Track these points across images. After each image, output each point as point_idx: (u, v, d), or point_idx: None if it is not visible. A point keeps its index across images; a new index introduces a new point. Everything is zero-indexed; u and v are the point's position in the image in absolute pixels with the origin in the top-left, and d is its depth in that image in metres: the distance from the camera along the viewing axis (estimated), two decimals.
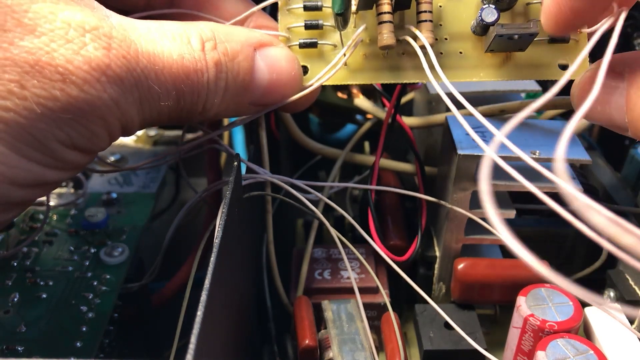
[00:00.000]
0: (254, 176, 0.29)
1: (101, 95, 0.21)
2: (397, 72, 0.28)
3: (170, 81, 0.23)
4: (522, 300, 0.27)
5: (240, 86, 0.25)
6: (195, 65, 0.24)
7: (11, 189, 0.21)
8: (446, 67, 0.28)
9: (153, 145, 0.45)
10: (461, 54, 0.28)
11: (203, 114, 0.25)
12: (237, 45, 0.25)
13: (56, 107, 0.20)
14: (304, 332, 0.29)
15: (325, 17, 0.28)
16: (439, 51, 0.28)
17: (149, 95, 0.23)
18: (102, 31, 0.21)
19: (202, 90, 0.24)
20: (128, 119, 0.22)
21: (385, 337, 0.29)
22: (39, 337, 0.28)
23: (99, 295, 0.30)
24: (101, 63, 0.21)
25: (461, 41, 0.28)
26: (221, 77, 0.25)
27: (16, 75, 0.20)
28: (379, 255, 0.31)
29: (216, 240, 0.22)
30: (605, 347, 0.26)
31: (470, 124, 0.32)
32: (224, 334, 0.24)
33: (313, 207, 0.30)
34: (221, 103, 0.25)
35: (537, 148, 0.29)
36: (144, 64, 0.22)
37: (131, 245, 0.33)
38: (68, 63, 0.20)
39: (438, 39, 0.28)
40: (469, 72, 0.28)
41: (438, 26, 0.28)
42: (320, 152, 0.40)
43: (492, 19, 0.26)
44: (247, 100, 0.26)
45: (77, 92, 0.20)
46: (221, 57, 0.25)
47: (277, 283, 0.33)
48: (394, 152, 0.41)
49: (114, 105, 0.21)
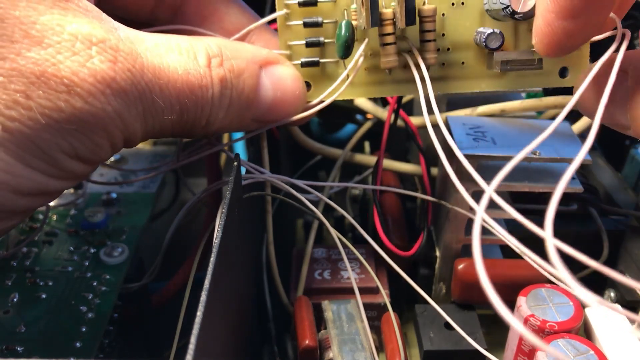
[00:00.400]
0: (254, 176, 0.29)
1: (105, 107, 0.21)
2: (398, 86, 0.28)
3: (175, 95, 0.23)
4: (522, 300, 0.27)
5: (244, 103, 0.26)
6: (200, 81, 0.24)
7: (15, 197, 0.21)
8: (448, 78, 0.28)
9: (153, 145, 0.44)
10: (463, 64, 0.28)
11: (206, 129, 0.25)
12: (243, 62, 0.26)
13: (60, 118, 0.20)
14: (304, 332, 0.29)
15: (327, 33, 0.27)
16: (441, 62, 0.28)
17: (153, 108, 0.23)
18: (108, 44, 0.22)
19: (205, 105, 0.24)
20: (131, 131, 0.23)
21: (385, 337, 0.29)
22: (38, 337, 0.28)
23: (99, 296, 0.30)
24: (106, 76, 0.21)
25: (464, 51, 0.28)
26: (226, 93, 0.25)
27: (22, 86, 0.20)
28: (379, 255, 0.31)
29: (216, 240, 0.22)
30: (606, 347, 0.26)
31: (470, 124, 0.32)
32: (224, 334, 0.23)
33: (313, 207, 0.30)
34: (224, 118, 0.25)
35: (537, 148, 0.29)
36: (148, 78, 0.22)
37: (131, 245, 0.33)
38: (74, 75, 0.20)
39: (440, 49, 0.27)
40: (471, 83, 0.28)
41: (440, 36, 0.27)
42: (320, 152, 0.40)
43: (496, 45, 0.26)
44: (250, 116, 0.26)
45: (82, 104, 0.21)
46: (227, 74, 0.25)
47: (277, 283, 0.33)
48: (394, 152, 0.41)
49: (117, 118, 0.22)
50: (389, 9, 0.26)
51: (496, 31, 0.26)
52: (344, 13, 0.27)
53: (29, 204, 0.22)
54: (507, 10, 0.24)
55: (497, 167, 0.28)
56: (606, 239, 0.33)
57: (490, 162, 0.30)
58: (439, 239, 0.34)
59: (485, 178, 0.30)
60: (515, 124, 0.32)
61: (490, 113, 0.34)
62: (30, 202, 0.22)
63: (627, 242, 0.33)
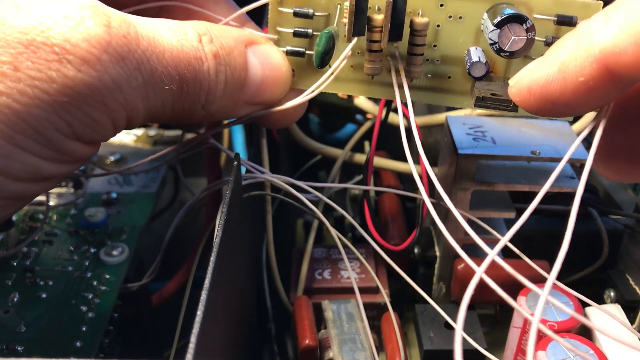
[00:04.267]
0: (254, 176, 0.29)
1: (102, 76, 0.19)
2: (382, 88, 0.27)
3: (172, 65, 0.22)
4: (522, 300, 0.27)
5: (237, 82, 0.25)
6: (195, 54, 0.23)
7: (5, 181, 0.20)
8: (432, 90, 0.27)
9: (153, 145, 0.44)
10: (450, 78, 0.26)
11: (205, 109, 0.25)
12: (231, 41, 0.25)
13: (53, 90, 0.19)
14: (304, 332, 0.29)
15: (317, 26, 0.27)
16: (428, 72, 0.26)
17: (153, 79, 0.21)
18: (101, 9, 0.20)
19: (204, 79, 0.24)
20: (133, 106, 0.21)
21: (385, 337, 0.29)
22: (39, 337, 0.28)
23: (99, 295, 0.30)
24: (102, 40, 0.19)
25: (452, 65, 0.26)
26: (221, 69, 0.24)
27: (9, 57, 0.18)
28: (379, 255, 0.31)
29: (216, 240, 0.22)
30: (605, 347, 0.26)
31: (470, 123, 0.32)
32: (224, 334, 0.23)
33: (313, 207, 0.30)
34: (222, 98, 0.25)
35: (537, 148, 0.29)
36: (144, 46, 0.21)
37: (131, 245, 0.33)
38: (65, 41, 0.19)
39: (429, 59, 0.26)
40: (454, 98, 0.27)
41: (432, 47, 0.26)
42: (320, 152, 0.40)
43: (479, 74, 0.24)
44: (243, 97, 0.26)
45: (74, 73, 0.19)
46: (219, 50, 0.24)
47: (277, 283, 0.33)
48: (394, 152, 0.41)
49: (116, 90, 0.20)
50: (381, 16, 0.24)
51: (482, 60, 0.24)
52: (337, 8, 0.26)
53: (25, 190, 0.21)
54: (494, 46, 0.23)
55: (497, 167, 0.28)
56: (606, 239, 0.33)
57: (490, 161, 0.30)
58: (438, 239, 0.34)
59: (486, 178, 0.30)
60: (515, 123, 0.32)
61: (490, 113, 0.34)
62: (25, 189, 0.21)
63: (627, 242, 0.33)
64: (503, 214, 0.31)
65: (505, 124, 0.32)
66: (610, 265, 0.33)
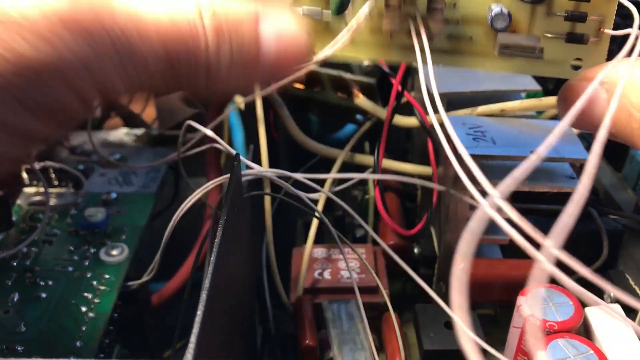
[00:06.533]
0: (254, 172, 0.29)
1: (63, 54, 0.17)
2: (401, 52, 0.26)
3: (160, 42, 0.19)
4: (522, 300, 0.27)
5: (247, 59, 0.22)
6: (189, 29, 0.20)
7: None
8: (453, 52, 0.26)
9: (153, 145, 0.44)
10: (471, 39, 0.26)
11: (209, 87, 0.22)
12: (238, 13, 0.22)
13: (4, 71, 0.17)
14: (304, 332, 0.29)
15: None
16: (448, 33, 0.25)
17: (133, 59, 0.19)
18: None
19: (200, 55, 0.21)
20: (108, 84, 0.19)
21: (385, 337, 0.29)
22: (38, 337, 0.28)
23: (99, 295, 0.30)
24: (62, 13, 0.17)
25: (474, 25, 0.25)
26: (224, 46, 0.21)
27: None
28: (379, 255, 0.31)
29: (216, 240, 0.22)
30: (606, 347, 0.26)
31: (470, 123, 0.32)
32: (224, 334, 0.23)
33: (313, 205, 0.30)
34: (228, 77, 0.22)
35: (537, 148, 0.29)
36: (122, 21, 0.19)
37: (131, 245, 0.33)
38: (22, 17, 0.17)
39: (450, 20, 0.25)
40: (476, 60, 0.26)
41: (451, 7, 0.25)
42: (320, 152, 0.40)
43: (501, 25, 0.24)
44: (256, 76, 0.23)
45: (30, 52, 0.17)
46: (222, 24, 0.21)
47: (277, 283, 0.33)
48: (394, 152, 0.41)
49: (83, 69, 0.18)
50: None
51: (504, 11, 0.24)
52: None
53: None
54: None
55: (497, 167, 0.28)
56: (606, 239, 0.33)
57: (490, 161, 0.30)
58: (438, 239, 0.34)
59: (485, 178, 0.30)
60: (515, 123, 0.32)
61: (490, 113, 0.34)
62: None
63: (627, 242, 0.33)
64: (504, 214, 0.31)
65: (505, 124, 0.32)
66: (610, 265, 0.33)
